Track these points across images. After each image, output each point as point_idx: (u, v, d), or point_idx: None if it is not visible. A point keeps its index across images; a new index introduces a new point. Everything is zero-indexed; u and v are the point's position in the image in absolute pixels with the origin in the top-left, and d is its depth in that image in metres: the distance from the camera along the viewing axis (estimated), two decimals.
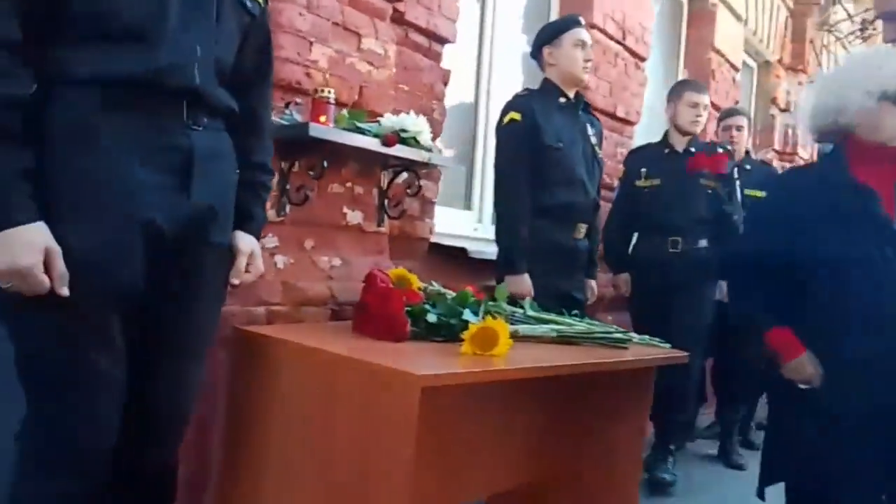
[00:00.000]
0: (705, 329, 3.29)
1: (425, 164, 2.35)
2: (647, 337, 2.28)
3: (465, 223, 3.21)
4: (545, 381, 1.99)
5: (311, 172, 2.14)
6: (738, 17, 5.42)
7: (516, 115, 2.58)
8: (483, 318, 1.75)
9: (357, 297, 1.96)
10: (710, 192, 3.30)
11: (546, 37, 2.71)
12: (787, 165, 6.08)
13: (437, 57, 2.78)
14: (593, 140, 2.78)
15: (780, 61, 6.49)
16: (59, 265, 1.14)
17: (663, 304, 3.17)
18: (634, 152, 3.60)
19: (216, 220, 1.36)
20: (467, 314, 1.78)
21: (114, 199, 1.19)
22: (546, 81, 2.73)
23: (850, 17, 7.15)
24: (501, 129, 2.63)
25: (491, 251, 2.75)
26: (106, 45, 1.20)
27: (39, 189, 1.14)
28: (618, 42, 3.91)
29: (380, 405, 1.44)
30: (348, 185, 2.31)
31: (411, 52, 2.63)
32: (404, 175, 2.43)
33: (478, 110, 3.32)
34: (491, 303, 1.96)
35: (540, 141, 2.57)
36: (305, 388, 1.62)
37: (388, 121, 2.24)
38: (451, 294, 1.95)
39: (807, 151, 6.57)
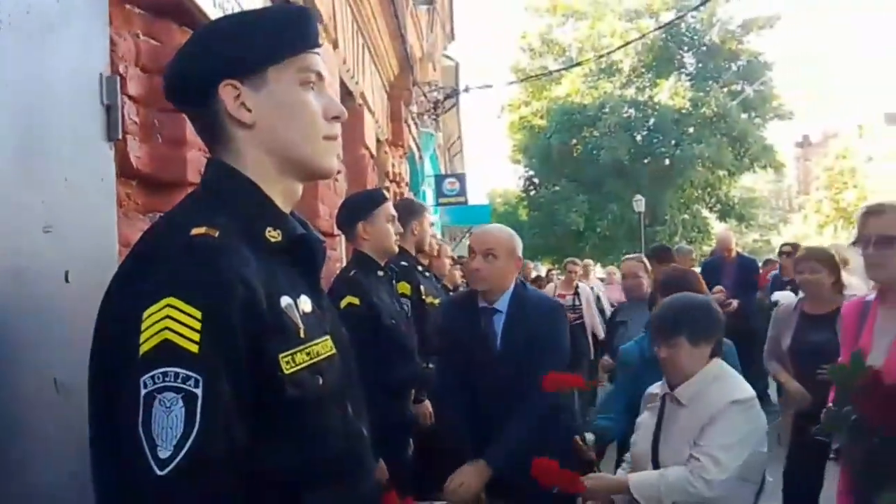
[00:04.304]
0: None
1: None
2: None
3: None
4: None
5: None
6: (372, 112, 5.92)
7: (354, 300, 2.54)
8: None
9: None
10: None
11: (360, 213, 2.70)
12: None
13: None
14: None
15: (387, 140, 7.26)
16: None
17: None
18: None
19: None
20: None
21: None
22: (360, 255, 2.73)
23: (424, 95, 8.36)
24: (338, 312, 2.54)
25: None
26: None
27: None
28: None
29: None
30: None
31: None
32: None
33: None
34: None
35: (379, 322, 2.58)
36: None
37: None
38: None
39: None
